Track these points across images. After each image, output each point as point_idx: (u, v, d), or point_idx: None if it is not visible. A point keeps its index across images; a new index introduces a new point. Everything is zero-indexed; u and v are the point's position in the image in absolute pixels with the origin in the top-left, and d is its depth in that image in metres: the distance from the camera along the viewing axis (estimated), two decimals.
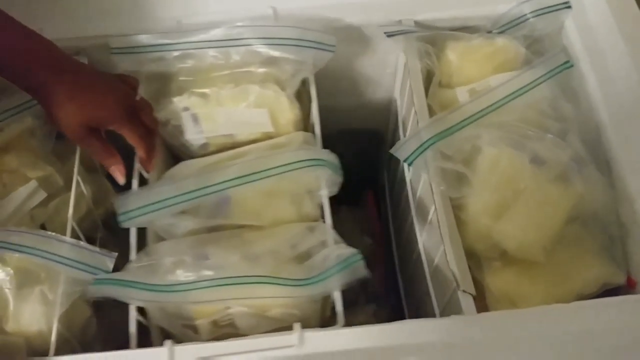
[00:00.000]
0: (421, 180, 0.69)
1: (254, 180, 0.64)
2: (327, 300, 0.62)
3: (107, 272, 0.60)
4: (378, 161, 1.06)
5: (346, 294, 0.99)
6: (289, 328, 0.55)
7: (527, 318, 0.54)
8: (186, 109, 0.71)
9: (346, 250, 0.62)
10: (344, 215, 1.05)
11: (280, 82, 0.73)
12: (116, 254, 0.62)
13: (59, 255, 0.59)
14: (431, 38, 0.74)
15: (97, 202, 0.76)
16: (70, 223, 0.64)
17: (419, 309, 0.79)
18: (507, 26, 0.77)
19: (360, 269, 0.61)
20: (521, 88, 0.70)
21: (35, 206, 0.68)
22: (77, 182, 0.68)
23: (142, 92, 0.70)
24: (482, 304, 0.61)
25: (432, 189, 0.62)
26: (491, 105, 0.69)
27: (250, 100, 0.72)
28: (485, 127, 0.67)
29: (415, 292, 0.81)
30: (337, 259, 0.61)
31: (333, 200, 1.10)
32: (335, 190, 0.68)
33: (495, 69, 0.73)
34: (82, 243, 0.62)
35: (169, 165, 0.72)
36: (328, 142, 1.01)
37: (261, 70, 0.72)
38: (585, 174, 0.65)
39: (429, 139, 0.64)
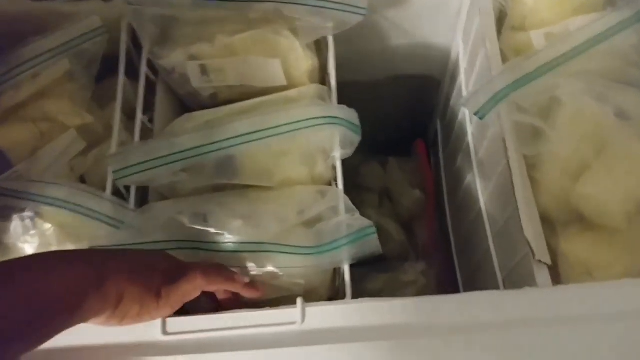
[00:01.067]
0: (488, 134, 0.64)
1: (260, 139, 0.58)
2: (338, 268, 0.58)
3: None
4: (431, 109, 0.99)
5: (394, 250, 0.96)
6: (293, 299, 0.50)
7: (610, 292, 0.49)
8: (193, 57, 0.65)
9: (359, 222, 0.57)
10: (392, 166, 1.00)
11: (295, 30, 0.65)
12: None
13: (101, 213, 0.56)
14: None
15: None
16: (110, 177, 0.60)
17: (476, 272, 0.74)
18: None
19: (374, 243, 0.56)
20: (604, 32, 0.62)
21: (74, 156, 0.64)
22: (119, 132, 0.64)
23: (146, 36, 0.63)
24: (554, 272, 0.56)
25: (505, 145, 0.56)
26: (570, 52, 0.61)
27: (261, 48, 0.65)
28: (564, 76, 0.60)
29: (472, 253, 0.76)
30: (348, 230, 0.56)
31: (381, 149, 1.05)
32: (350, 151, 0.62)
33: (575, 11, 0.65)
34: (124, 202, 0.58)
35: (177, 116, 0.67)
36: (377, 88, 0.95)
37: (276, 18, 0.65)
38: None
39: (503, 88, 0.58)
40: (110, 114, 0.67)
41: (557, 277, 0.56)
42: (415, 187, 0.97)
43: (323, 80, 0.70)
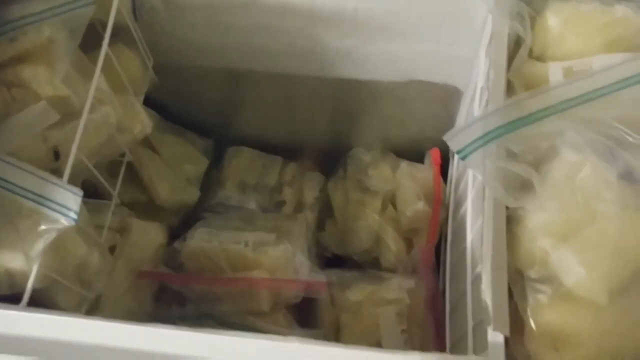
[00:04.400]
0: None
1: None
2: None
3: (73, 211, 0.53)
4: (452, 120, 0.92)
5: (389, 260, 0.91)
6: None
7: None
8: None
9: None
10: (403, 172, 0.94)
11: None
12: (81, 192, 0.55)
13: (18, 186, 0.54)
14: None
15: (123, 127, 0.70)
16: (72, 154, 0.58)
17: (454, 310, 0.69)
18: None
19: None
20: (633, 76, 0.55)
21: (50, 126, 0.62)
22: (92, 107, 0.61)
23: None
24: (518, 338, 0.51)
25: (484, 195, 0.51)
26: (588, 94, 0.54)
27: None
28: (573, 122, 0.53)
29: (456, 285, 0.70)
30: None
31: (393, 153, 0.99)
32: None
33: (605, 46, 0.58)
34: (46, 174, 0.55)
35: None
36: (396, 90, 0.89)
37: None
38: None
39: (496, 128, 0.52)
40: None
41: (520, 344, 0.51)
42: (422, 198, 0.91)
43: None
